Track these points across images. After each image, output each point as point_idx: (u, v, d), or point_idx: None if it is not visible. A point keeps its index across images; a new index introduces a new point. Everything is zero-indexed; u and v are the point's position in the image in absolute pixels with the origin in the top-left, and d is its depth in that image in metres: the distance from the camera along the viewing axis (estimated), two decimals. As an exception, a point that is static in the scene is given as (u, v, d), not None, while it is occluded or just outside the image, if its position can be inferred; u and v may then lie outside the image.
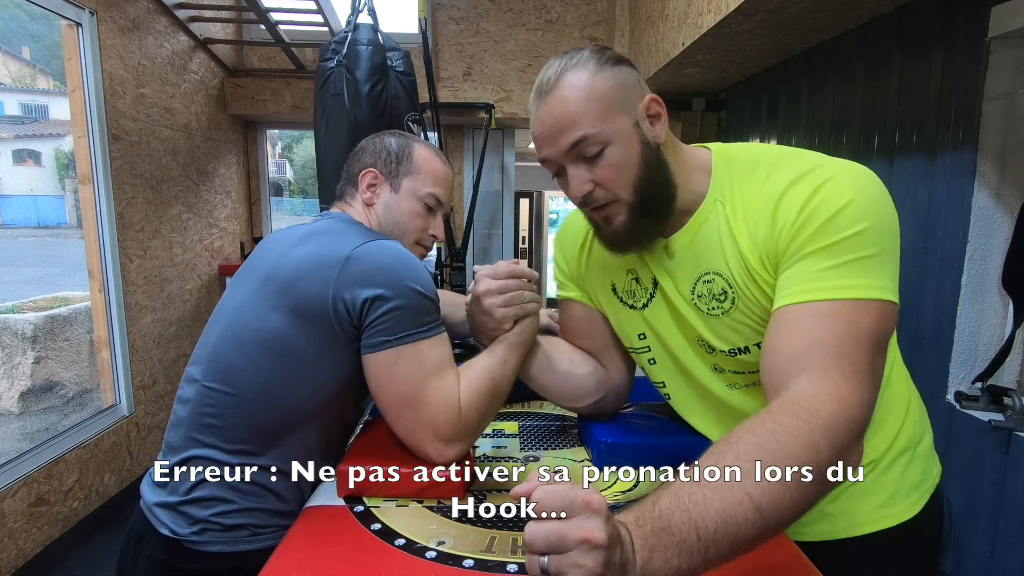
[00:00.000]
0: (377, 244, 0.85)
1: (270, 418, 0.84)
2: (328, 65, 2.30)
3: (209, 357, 0.88)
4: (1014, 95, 1.46)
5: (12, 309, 3.36)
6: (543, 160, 0.78)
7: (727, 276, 0.77)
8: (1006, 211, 1.50)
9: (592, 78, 0.72)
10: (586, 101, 0.71)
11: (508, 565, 0.65)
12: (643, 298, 0.88)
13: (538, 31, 3.70)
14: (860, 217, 0.66)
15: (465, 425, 0.83)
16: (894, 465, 0.82)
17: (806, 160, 0.73)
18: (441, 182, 1.03)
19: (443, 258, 3.67)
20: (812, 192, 0.68)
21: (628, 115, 0.73)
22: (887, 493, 0.81)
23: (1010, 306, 1.50)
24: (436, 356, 0.84)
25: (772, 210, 0.71)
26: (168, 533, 0.84)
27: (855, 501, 0.81)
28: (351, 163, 1.04)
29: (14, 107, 8.21)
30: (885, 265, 0.67)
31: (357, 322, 0.82)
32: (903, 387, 0.86)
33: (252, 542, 0.85)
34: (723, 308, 0.78)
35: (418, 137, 1.06)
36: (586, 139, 0.72)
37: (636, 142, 0.74)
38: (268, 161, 4.03)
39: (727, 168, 0.78)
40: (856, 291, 0.65)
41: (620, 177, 0.74)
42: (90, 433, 2.39)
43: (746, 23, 1.92)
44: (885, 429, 0.82)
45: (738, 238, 0.75)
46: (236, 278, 0.94)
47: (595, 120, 0.71)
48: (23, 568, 2.05)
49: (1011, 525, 1.41)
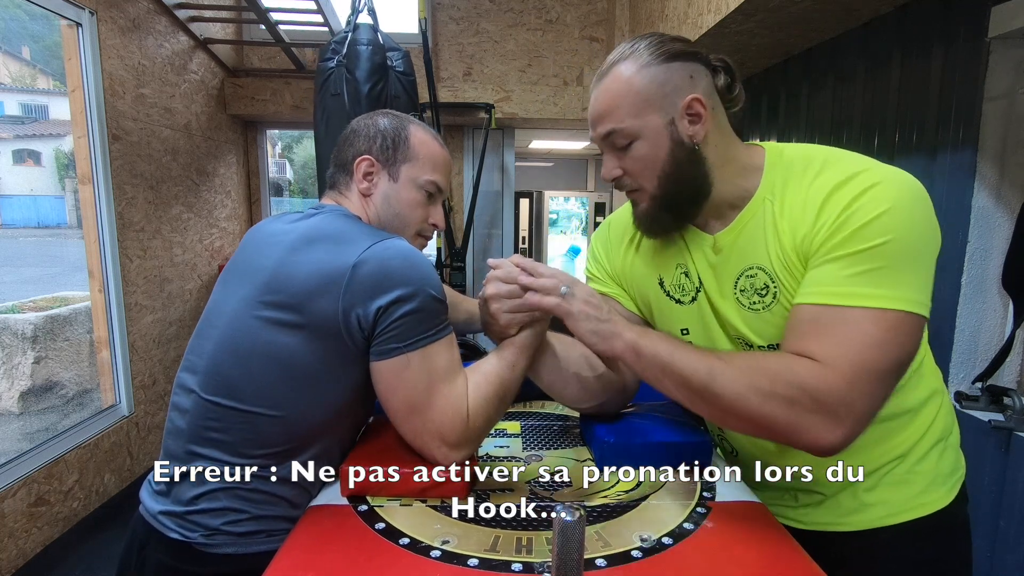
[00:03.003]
0: (382, 247, 0.80)
1: (279, 433, 0.82)
2: (328, 65, 2.30)
3: (207, 368, 0.84)
4: (1014, 95, 1.46)
5: (12, 309, 3.35)
6: (591, 139, 0.84)
7: (769, 271, 0.78)
8: (1006, 211, 1.50)
9: (634, 75, 0.76)
10: (623, 96, 0.76)
11: (513, 564, 0.65)
12: (691, 293, 0.90)
13: (538, 31, 3.70)
14: (892, 228, 0.68)
15: (472, 430, 0.82)
16: (929, 454, 0.84)
17: (857, 162, 0.74)
18: (440, 167, 0.97)
19: (443, 258, 3.67)
20: (857, 195, 0.70)
21: (663, 113, 0.76)
22: (924, 482, 0.83)
23: (1010, 306, 1.50)
24: (446, 360, 0.82)
25: (818, 208, 0.73)
26: (178, 537, 0.82)
27: (893, 491, 0.83)
28: (342, 148, 0.96)
29: (14, 107, 8.20)
30: (910, 276, 0.68)
31: (369, 333, 0.79)
32: (934, 380, 0.88)
33: (267, 543, 0.83)
34: (764, 303, 0.80)
35: (411, 117, 0.99)
36: (615, 132, 0.78)
37: (666, 140, 0.77)
38: (268, 161, 4.03)
39: (779, 167, 0.79)
40: (872, 300, 0.67)
41: (645, 171, 0.79)
42: (90, 433, 2.39)
43: (746, 23, 1.92)
44: (920, 419, 0.84)
45: (781, 234, 0.76)
46: (227, 277, 0.90)
47: (625, 116, 0.76)
48: (23, 568, 2.05)
49: (1011, 525, 1.41)
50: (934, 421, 0.85)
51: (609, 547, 0.68)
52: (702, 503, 0.79)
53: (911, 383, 0.83)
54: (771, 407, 0.69)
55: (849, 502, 0.84)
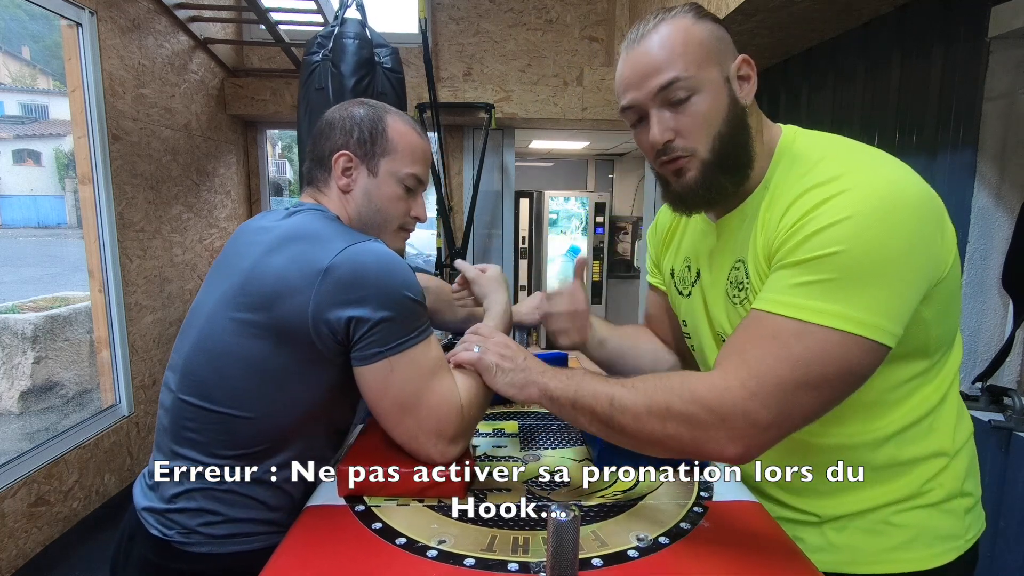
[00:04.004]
0: (356, 250, 0.78)
1: (251, 434, 0.82)
2: (313, 59, 2.26)
3: (183, 367, 0.84)
4: (1014, 95, 1.46)
5: (12, 309, 3.36)
6: (626, 107, 0.76)
7: (747, 266, 0.77)
8: (1006, 211, 1.50)
9: (691, 25, 0.72)
10: (683, 44, 0.71)
11: (509, 564, 0.65)
12: (688, 285, 0.90)
13: (538, 31, 3.70)
14: (845, 238, 0.62)
15: (468, 420, 0.83)
16: (918, 511, 0.76)
17: (846, 164, 0.69)
18: (420, 159, 0.94)
19: (443, 258, 3.67)
20: (818, 202, 0.66)
21: (721, 68, 0.73)
22: (904, 537, 0.76)
23: (1010, 306, 1.50)
24: (431, 358, 0.82)
25: (784, 209, 0.70)
26: (158, 534, 0.83)
27: (862, 538, 0.77)
28: (318, 141, 0.93)
29: (14, 107, 8.21)
30: (864, 294, 0.62)
31: (343, 339, 0.78)
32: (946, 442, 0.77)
33: (241, 544, 0.84)
34: (740, 297, 0.78)
35: (387, 106, 0.96)
36: (677, 81, 0.70)
37: (724, 96, 0.72)
38: (268, 161, 4.03)
39: (786, 156, 0.76)
40: (805, 313, 0.63)
41: (702, 129, 0.72)
42: (90, 433, 2.39)
43: (746, 23, 1.92)
44: (910, 477, 0.76)
45: (760, 229, 0.74)
46: (212, 274, 0.89)
47: (689, 64, 0.70)
48: (23, 568, 2.05)
49: (1011, 525, 1.41)
50: (928, 484, 0.76)
51: (606, 547, 0.68)
52: (699, 503, 0.79)
53: (910, 435, 0.75)
54: (673, 427, 0.67)
55: (816, 539, 0.79)
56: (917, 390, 0.75)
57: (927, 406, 0.76)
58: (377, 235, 0.92)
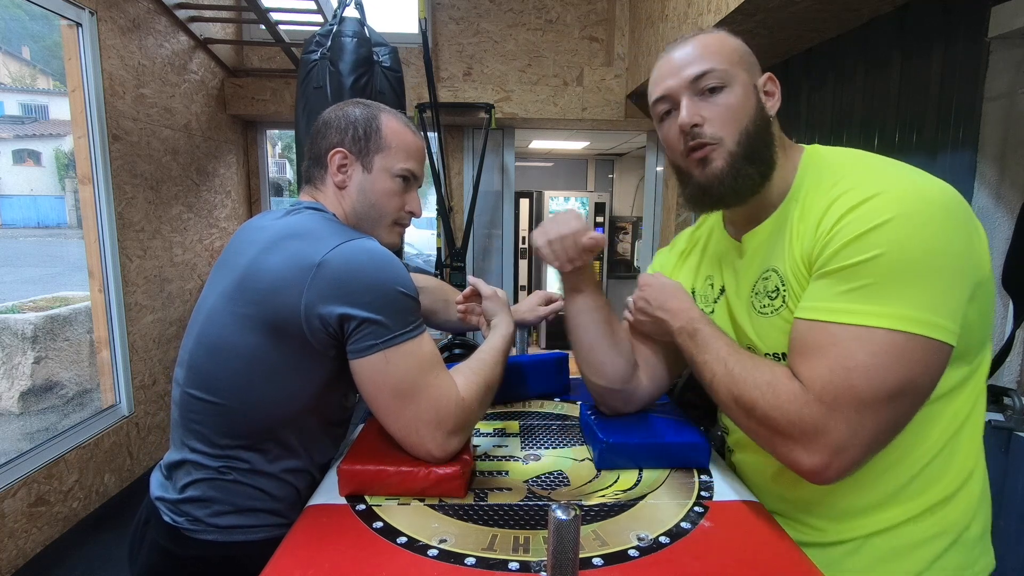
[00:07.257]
0: (349, 247, 0.81)
1: (250, 424, 0.85)
2: (311, 58, 2.25)
3: (188, 362, 0.88)
4: (1014, 95, 1.46)
5: (12, 309, 3.36)
6: (658, 99, 0.80)
7: (782, 273, 0.77)
8: (1006, 211, 1.50)
9: (726, 36, 0.80)
10: (719, 45, 0.78)
11: (510, 563, 0.65)
12: (711, 302, 0.91)
13: (538, 31, 3.70)
14: (883, 241, 0.63)
15: (467, 413, 0.84)
16: (920, 547, 0.74)
17: (874, 171, 0.70)
18: (414, 155, 0.97)
19: (443, 258, 3.67)
20: (852, 206, 0.66)
21: (751, 75, 0.78)
22: (905, 572, 0.74)
23: (1010, 306, 1.50)
24: (426, 351, 0.83)
25: (820, 216, 0.71)
26: (169, 521, 0.87)
27: (856, 560, 0.75)
28: (316, 141, 0.96)
29: (14, 107, 8.21)
30: (911, 292, 0.62)
31: (335, 333, 0.80)
32: (963, 456, 0.74)
33: (246, 534, 0.88)
34: (773, 306, 0.78)
35: (382, 105, 0.99)
36: (712, 71, 0.76)
37: (753, 98, 0.77)
38: (268, 161, 4.03)
39: (812, 169, 0.78)
40: (858, 317, 0.64)
41: (731, 120, 0.76)
42: (90, 433, 2.39)
43: (746, 23, 1.92)
44: (919, 500, 0.73)
45: (796, 239, 0.75)
46: (215, 272, 0.92)
47: (724, 61, 0.76)
48: (23, 568, 2.05)
49: (1011, 525, 1.41)
50: (943, 509, 0.74)
51: (606, 546, 0.68)
52: (700, 502, 0.79)
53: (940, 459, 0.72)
54: (755, 425, 0.72)
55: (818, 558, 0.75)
56: (950, 404, 0.72)
57: (962, 414, 0.73)
58: (372, 230, 0.95)
